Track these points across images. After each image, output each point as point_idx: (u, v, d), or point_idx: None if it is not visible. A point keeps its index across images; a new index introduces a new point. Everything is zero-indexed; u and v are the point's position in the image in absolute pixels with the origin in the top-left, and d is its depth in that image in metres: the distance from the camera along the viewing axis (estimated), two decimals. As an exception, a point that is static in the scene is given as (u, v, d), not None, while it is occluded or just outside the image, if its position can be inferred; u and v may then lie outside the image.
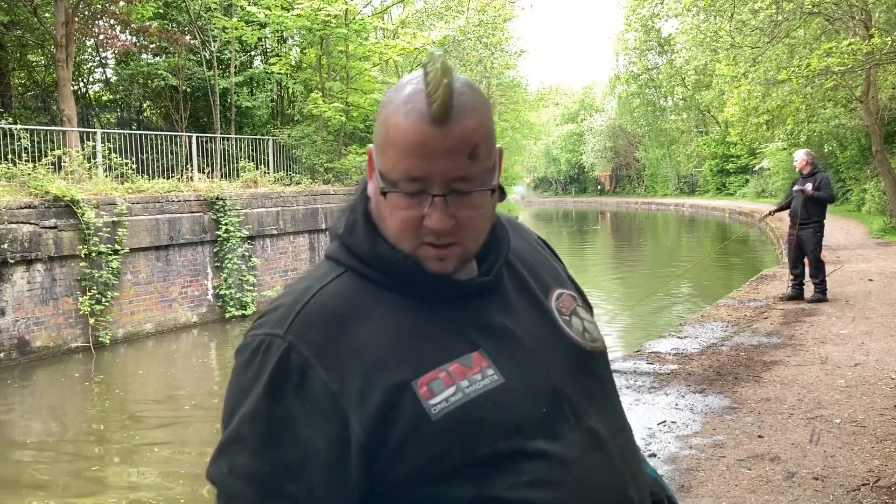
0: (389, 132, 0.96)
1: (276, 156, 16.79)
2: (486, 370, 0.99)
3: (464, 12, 24.38)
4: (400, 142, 0.95)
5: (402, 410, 0.94)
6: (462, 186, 0.96)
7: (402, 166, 0.95)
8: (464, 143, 0.95)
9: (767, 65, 16.32)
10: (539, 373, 1.02)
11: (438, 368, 0.97)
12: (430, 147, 0.94)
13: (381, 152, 0.99)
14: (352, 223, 1.05)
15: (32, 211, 9.52)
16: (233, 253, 12.12)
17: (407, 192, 0.96)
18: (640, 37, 47.04)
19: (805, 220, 8.55)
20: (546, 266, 1.18)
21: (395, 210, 0.99)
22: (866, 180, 21.64)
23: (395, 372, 0.96)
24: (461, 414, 0.95)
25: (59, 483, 6.12)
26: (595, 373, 1.09)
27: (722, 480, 3.89)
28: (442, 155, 0.94)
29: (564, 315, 1.12)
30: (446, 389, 0.96)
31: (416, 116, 0.94)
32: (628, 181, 61.27)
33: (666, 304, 12.86)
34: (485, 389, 0.97)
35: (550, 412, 1.00)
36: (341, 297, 1.01)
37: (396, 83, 1.03)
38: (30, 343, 9.46)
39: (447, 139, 0.94)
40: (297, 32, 19.26)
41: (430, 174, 0.95)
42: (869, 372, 5.80)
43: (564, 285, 1.18)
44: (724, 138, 38.59)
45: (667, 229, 34.44)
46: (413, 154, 0.95)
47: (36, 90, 18.71)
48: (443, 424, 0.94)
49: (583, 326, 1.12)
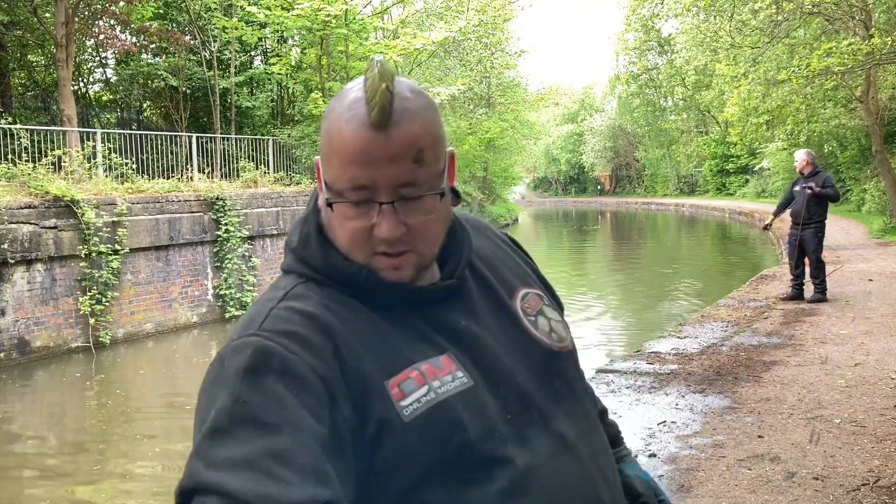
0: (332, 141, 0.94)
1: (276, 156, 16.79)
2: (455, 373, 0.97)
3: (464, 12, 24.39)
4: (342, 150, 0.93)
5: (373, 411, 0.91)
6: (410, 192, 0.94)
7: (347, 175, 0.93)
8: (407, 148, 0.92)
9: (767, 65, 16.32)
10: (505, 376, 1.01)
11: (410, 368, 0.95)
12: (373, 153, 0.92)
13: (325, 162, 0.96)
14: (305, 236, 1.03)
15: (32, 211, 9.53)
16: (233, 253, 12.12)
17: (353, 201, 0.94)
18: (640, 37, 47.05)
19: (807, 220, 8.53)
20: (511, 266, 1.16)
21: (343, 221, 0.97)
22: (866, 180, 21.65)
23: (366, 371, 0.92)
24: (433, 414, 0.93)
25: (59, 483, 6.12)
26: (563, 374, 1.08)
27: (722, 480, 3.89)
28: (385, 161, 0.92)
29: (530, 315, 1.10)
30: (418, 389, 0.93)
31: (357, 124, 0.92)
32: (628, 181, 61.27)
33: (666, 304, 12.86)
34: (455, 391, 0.95)
35: (518, 417, 0.98)
36: (308, 299, 0.97)
37: (340, 91, 1.01)
38: (30, 343, 9.46)
39: (390, 144, 0.92)
40: (297, 32, 19.25)
41: (376, 181, 0.93)
42: (869, 372, 5.80)
43: (531, 284, 1.16)
44: (724, 138, 38.60)
45: (667, 229, 34.45)
46: (356, 162, 0.92)
47: (36, 90, 18.71)
48: (414, 426, 0.91)
49: (549, 326, 1.11)
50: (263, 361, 0.88)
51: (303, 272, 1.01)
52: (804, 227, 8.56)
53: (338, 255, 1.00)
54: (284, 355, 0.89)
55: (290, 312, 0.95)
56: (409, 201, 0.94)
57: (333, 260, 0.99)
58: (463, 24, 22.24)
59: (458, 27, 21.77)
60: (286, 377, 0.87)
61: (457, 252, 1.06)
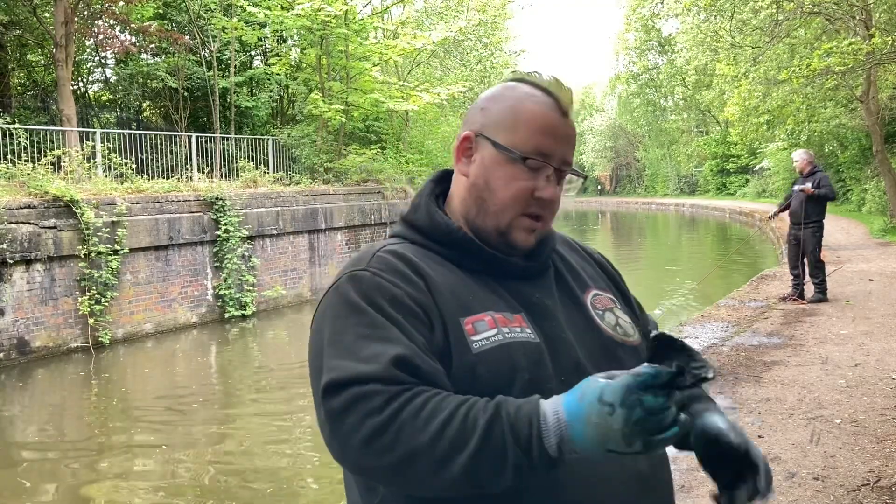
0: (521, 114, 1.16)
1: (275, 156, 16.77)
2: (524, 328, 1.12)
3: (464, 12, 24.36)
4: (534, 121, 1.15)
5: (451, 340, 1.07)
6: (567, 170, 1.18)
7: (534, 142, 1.14)
8: (574, 135, 1.19)
9: (768, 64, 16.31)
10: (566, 346, 1.14)
11: (485, 312, 1.11)
12: (559, 131, 1.16)
13: (510, 130, 1.16)
14: (416, 205, 1.25)
15: (32, 211, 9.52)
16: (232, 253, 12.11)
17: (532, 167, 1.15)
18: (641, 37, 47.08)
19: (805, 220, 8.54)
20: (590, 272, 1.32)
21: (512, 181, 1.15)
22: (867, 180, 21.62)
23: (448, 307, 1.10)
24: (497, 353, 1.07)
25: (59, 483, 6.11)
26: (620, 362, 1.16)
27: (722, 481, 3.87)
28: (566, 139, 1.17)
29: (598, 310, 1.24)
30: (489, 330, 1.09)
31: (547, 108, 1.16)
32: (628, 181, 61.26)
33: (666, 304, 12.85)
34: (520, 340, 1.09)
35: (569, 381, 1.06)
36: (404, 253, 1.15)
37: (493, 87, 1.24)
38: (29, 343, 9.45)
39: (569, 128, 1.18)
40: (296, 32, 19.24)
41: (555, 152, 1.16)
42: (869, 372, 5.79)
43: (604, 289, 1.31)
44: (724, 138, 38.60)
45: (667, 229, 34.43)
46: (546, 133, 1.15)
47: (36, 90, 18.71)
48: (481, 359, 1.06)
49: (616, 322, 1.24)
50: (376, 287, 1.09)
51: (406, 234, 1.22)
52: (801, 226, 8.56)
53: (442, 214, 1.21)
54: (390, 286, 1.09)
55: (391, 255, 1.15)
56: (561, 178, 1.18)
57: (438, 219, 1.20)
58: (463, 24, 22.22)
59: (457, 27, 21.75)
60: (395, 303, 1.07)
61: (547, 241, 1.25)
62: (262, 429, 7.29)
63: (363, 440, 0.97)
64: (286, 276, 13.49)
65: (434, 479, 0.97)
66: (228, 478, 6.04)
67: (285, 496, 5.64)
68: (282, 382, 8.93)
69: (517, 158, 1.14)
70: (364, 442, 0.97)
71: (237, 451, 6.64)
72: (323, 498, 5.61)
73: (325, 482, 5.80)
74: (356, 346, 1.03)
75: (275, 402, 8.24)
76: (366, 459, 0.98)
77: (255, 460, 6.40)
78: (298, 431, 7.00)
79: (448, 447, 0.96)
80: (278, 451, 6.56)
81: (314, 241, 14.25)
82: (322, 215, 14.33)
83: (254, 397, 8.45)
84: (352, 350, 1.03)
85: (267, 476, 5.98)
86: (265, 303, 12.86)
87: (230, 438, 7.04)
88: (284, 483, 5.84)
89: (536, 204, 1.15)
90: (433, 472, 0.97)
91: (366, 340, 1.03)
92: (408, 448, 0.96)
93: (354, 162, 16.44)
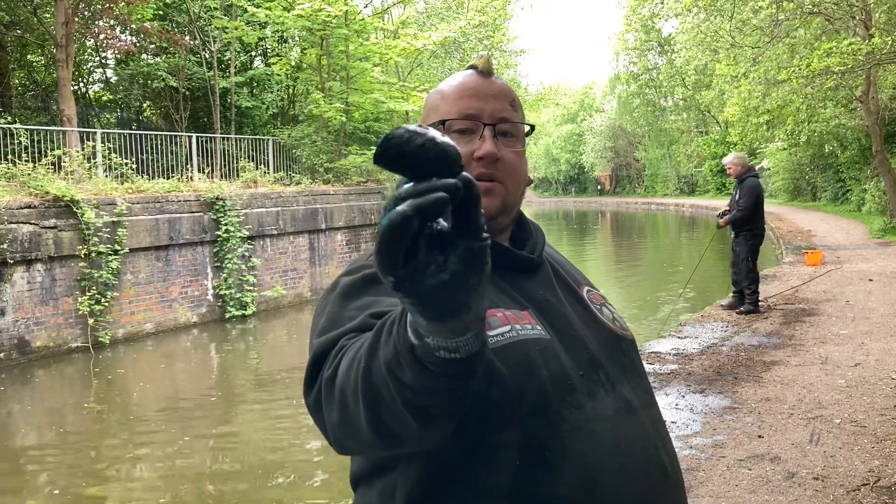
0: (442, 91, 1.16)
1: (276, 156, 16.77)
2: (534, 325, 1.09)
3: (464, 13, 24.38)
4: (454, 90, 1.15)
5: None
6: (506, 129, 1.14)
7: (458, 107, 1.13)
8: (506, 92, 1.16)
9: (768, 64, 16.30)
10: (577, 341, 1.12)
11: (496, 309, 1.08)
12: (481, 90, 1.14)
13: (434, 110, 1.16)
14: None
15: (32, 211, 9.52)
16: (233, 253, 12.11)
17: (460, 129, 1.13)
18: (640, 37, 47.04)
19: (736, 229, 8.13)
20: (574, 270, 1.33)
21: None
22: (866, 180, 21.62)
23: None
24: (513, 348, 1.03)
25: (59, 483, 6.11)
26: (627, 354, 1.18)
27: (722, 480, 3.88)
28: (490, 97, 1.14)
29: (596, 304, 1.24)
30: (502, 326, 1.06)
31: (467, 75, 1.16)
32: (628, 181, 61.23)
33: (666, 304, 12.85)
34: (533, 337, 1.07)
35: (588, 375, 1.07)
36: None
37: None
38: (30, 343, 9.45)
39: (492, 86, 1.15)
40: (297, 33, 19.24)
41: (482, 111, 1.13)
42: (869, 372, 5.80)
43: (592, 286, 1.31)
44: (724, 138, 38.56)
45: (667, 229, 34.44)
46: (466, 95, 1.14)
47: (36, 90, 18.71)
48: (497, 354, 1.01)
49: (612, 316, 1.24)
50: (373, 279, 1.05)
51: None
52: (735, 233, 8.18)
53: None
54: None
55: None
56: (504, 137, 1.14)
57: None
58: (463, 24, 22.23)
59: (458, 27, 21.76)
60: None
61: (533, 237, 1.23)
62: (263, 429, 7.30)
63: (313, 402, 0.93)
64: (286, 276, 13.49)
65: (362, 420, 0.84)
66: (228, 478, 6.05)
67: (285, 496, 5.65)
68: (282, 382, 8.93)
69: (439, 126, 1.12)
70: (314, 406, 0.93)
71: (237, 452, 6.65)
72: (325, 496, 5.62)
73: (326, 481, 5.81)
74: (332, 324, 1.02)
75: (275, 402, 8.25)
76: (334, 432, 0.91)
77: (255, 460, 6.41)
78: (299, 431, 7.01)
79: (354, 377, 0.84)
80: (278, 451, 6.57)
81: (314, 241, 14.25)
82: (322, 215, 14.33)
83: (254, 397, 8.46)
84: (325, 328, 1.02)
85: (267, 476, 5.99)
86: (265, 303, 12.86)
87: (230, 438, 7.05)
88: (285, 483, 5.85)
89: (480, 164, 1.11)
90: (357, 410, 0.84)
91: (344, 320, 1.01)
92: (338, 398, 0.87)
93: (355, 162, 16.45)
